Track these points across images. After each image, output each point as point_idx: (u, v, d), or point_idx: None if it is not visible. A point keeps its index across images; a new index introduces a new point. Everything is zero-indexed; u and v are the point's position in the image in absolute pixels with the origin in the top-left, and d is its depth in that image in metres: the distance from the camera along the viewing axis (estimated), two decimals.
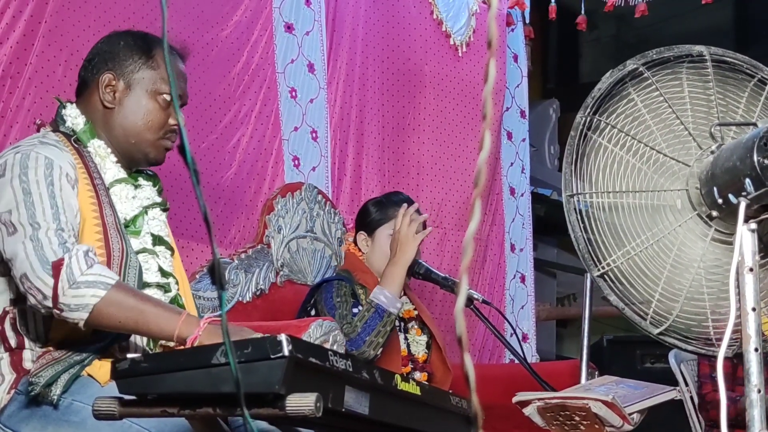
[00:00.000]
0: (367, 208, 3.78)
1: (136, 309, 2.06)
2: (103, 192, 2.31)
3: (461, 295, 0.75)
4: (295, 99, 4.20)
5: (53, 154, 2.23)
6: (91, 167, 2.32)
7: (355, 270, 3.68)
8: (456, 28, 4.89)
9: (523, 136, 5.33)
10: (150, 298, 2.15)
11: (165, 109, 2.41)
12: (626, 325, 7.78)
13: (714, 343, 2.01)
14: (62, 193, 2.18)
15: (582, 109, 2.02)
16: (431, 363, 3.72)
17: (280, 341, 1.58)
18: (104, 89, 2.39)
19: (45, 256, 2.08)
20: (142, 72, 2.40)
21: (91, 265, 2.08)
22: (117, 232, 2.27)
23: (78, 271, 2.06)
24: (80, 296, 2.05)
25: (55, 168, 2.20)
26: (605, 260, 2.00)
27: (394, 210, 3.67)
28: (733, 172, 1.94)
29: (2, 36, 3.18)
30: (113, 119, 2.39)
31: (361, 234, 3.74)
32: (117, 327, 2.10)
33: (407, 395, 1.87)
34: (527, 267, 5.23)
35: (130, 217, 2.35)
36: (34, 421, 2.12)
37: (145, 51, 2.43)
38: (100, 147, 2.37)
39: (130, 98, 2.39)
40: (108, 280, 2.07)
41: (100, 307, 2.05)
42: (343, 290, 3.54)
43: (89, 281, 2.06)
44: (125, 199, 2.35)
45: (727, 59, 2.14)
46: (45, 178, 2.18)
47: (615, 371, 3.86)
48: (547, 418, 2.82)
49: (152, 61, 2.41)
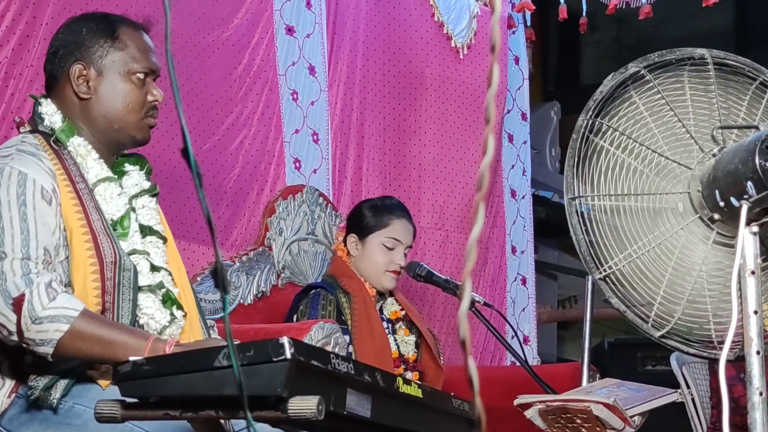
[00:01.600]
0: (361, 211, 3.76)
1: (102, 339, 2.04)
2: (87, 196, 2.25)
3: (465, 298, 0.75)
4: (296, 101, 4.20)
5: (28, 166, 2.18)
6: (73, 171, 2.27)
7: (341, 275, 3.66)
8: (457, 31, 4.89)
9: (524, 139, 5.33)
10: (116, 325, 2.12)
11: (141, 87, 2.35)
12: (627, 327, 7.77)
13: (716, 346, 2.01)
14: (36, 212, 2.13)
15: (584, 112, 2.02)
16: (422, 362, 3.72)
17: (282, 344, 1.58)
18: (77, 81, 2.33)
19: (7, 290, 2.05)
20: (111, 55, 2.34)
21: (53, 297, 2.05)
22: (107, 236, 2.23)
23: (39, 306, 2.03)
24: (44, 331, 2.03)
25: (29, 184, 2.15)
26: (607, 263, 2.00)
27: (389, 217, 3.67)
28: (735, 175, 1.94)
29: (2, 38, 3.18)
30: (92, 109, 2.34)
31: (352, 236, 3.73)
32: (84, 358, 2.09)
33: (409, 398, 1.87)
34: (528, 269, 5.23)
35: (117, 217, 2.29)
36: (35, 424, 2.12)
37: (110, 33, 2.36)
38: (80, 145, 2.31)
39: (104, 85, 2.33)
40: (71, 312, 2.04)
41: (64, 341, 2.03)
42: (328, 302, 3.53)
43: (51, 315, 2.03)
44: (110, 199, 2.29)
45: (728, 62, 2.14)
46: (17, 198, 2.12)
47: (616, 374, 3.85)
48: (549, 421, 2.82)
49: (119, 42, 2.35)
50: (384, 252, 3.65)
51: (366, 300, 3.60)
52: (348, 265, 3.70)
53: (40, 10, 3.28)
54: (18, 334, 2.04)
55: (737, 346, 1.95)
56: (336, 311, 3.53)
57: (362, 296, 3.59)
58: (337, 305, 3.54)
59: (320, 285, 3.63)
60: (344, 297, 3.56)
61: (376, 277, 3.66)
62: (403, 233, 3.70)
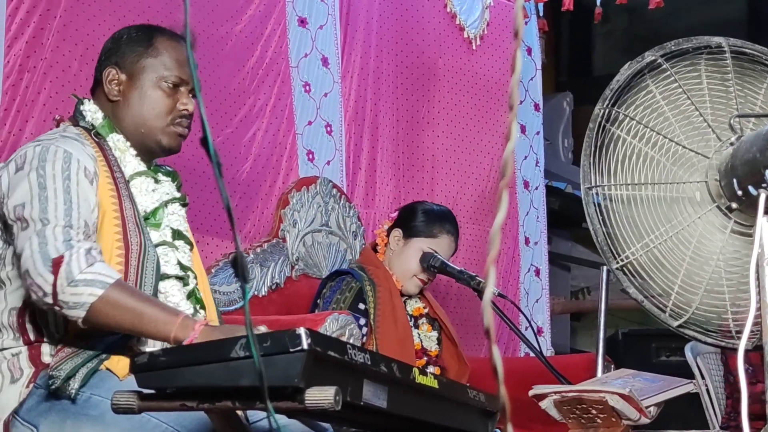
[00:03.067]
0: (416, 211, 3.76)
1: (134, 310, 2.06)
2: (123, 185, 2.31)
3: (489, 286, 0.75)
4: (309, 93, 4.20)
5: (73, 147, 2.25)
6: (112, 161, 2.33)
7: (368, 264, 3.68)
8: (470, 22, 4.88)
9: (537, 129, 5.31)
10: (149, 299, 2.14)
11: (171, 95, 2.41)
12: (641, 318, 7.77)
13: (734, 336, 2.00)
14: (78, 187, 2.19)
15: (600, 101, 2.01)
16: (443, 358, 3.72)
17: (299, 335, 1.58)
18: (108, 84, 2.41)
19: (47, 252, 2.08)
20: (143, 61, 2.41)
21: (91, 263, 2.08)
22: (136, 225, 2.28)
23: (77, 269, 2.06)
24: (78, 294, 2.05)
25: (73, 162, 2.21)
26: (624, 253, 2.00)
27: (440, 229, 3.68)
28: (753, 164, 1.93)
29: (17, 31, 3.19)
30: (121, 112, 2.40)
31: (397, 230, 3.73)
32: (114, 326, 2.10)
33: (425, 388, 1.87)
34: (542, 260, 5.22)
35: (150, 209, 2.36)
36: (53, 414, 2.13)
37: (146, 40, 2.43)
38: (120, 141, 2.38)
39: (133, 89, 2.40)
40: (107, 279, 2.07)
41: (96, 306, 2.05)
42: (348, 287, 3.55)
43: (87, 279, 2.06)
44: (145, 192, 2.36)
45: (745, 50, 2.13)
46: (62, 172, 2.19)
47: (630, 364, 3.84)
48: (564, 412, 2.81)
49: (153, 50, 2.41)
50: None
51: (392, 290, 3.61)
52: (376, 257, 3.72)
53: (54, 3, 3.28)
54: (52, 295, 2.06)
55: (755, 336, 1.94)
56: (355, 298, 3.54)
57: (387, 286, 3.61)
58: (360, 291, 3.55)
59: (347, 271, 3.65)
60: (369, 285, 3.57)
61: (403, 279, 3.69)
62: (447, 250, 3.72)
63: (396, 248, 3.71)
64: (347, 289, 3.56)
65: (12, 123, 3.14)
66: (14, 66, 3.18)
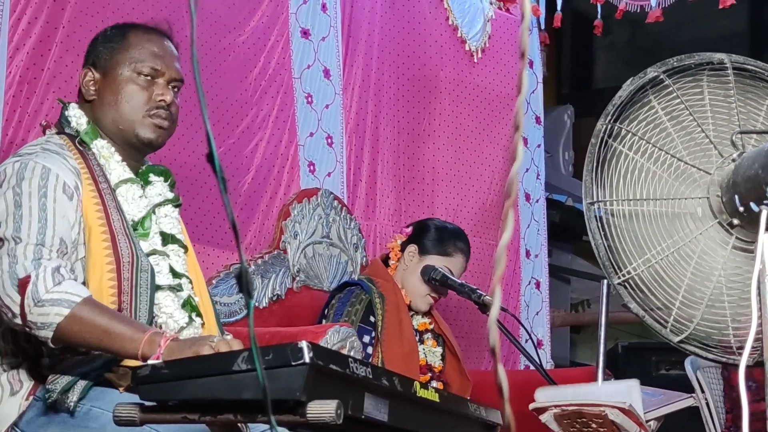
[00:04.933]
0: (432, 228, 3.77)
1: (101, 328, 2.03)
2: (108, 196, 2.28)
3: (495, 305, 0.75)
4: (311, 104, 4.20)
5: (52, 162, 2.21)
6: (96, 171, 2.30)
7: (377, 277, 3.69)
8: (471, 34, 4.89)
9: (538, 142, 5.32)
10: (117, 316, 2.10)
11: (146, 87, 2.37)
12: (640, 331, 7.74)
13: (735, 352, 2.00)
14: (56, 204, 2.16)
15: (603, 116, 2.02)
16: (446, 373, 3.72)
17: (300, 348, 1.58)
18: (85, 85, 2.39)
19: (16, 272, 2.06)
20: (116, 57, 2.38)
21: (59, 282, 2.06)
22: (125, 236, 2.25)
23: (43, 288, 2.04)
24: (45, 314, 2.03)
25: (51, 177, 2.18)
26: (626, 268, 2.00)
27: (455, 248, 3.70)
28: (754, 181, 1.93)
29: (19, 42, 3.19)
30: (98, 111, 2.37)
31: (413, 246, 3.74)
32: (84, 345, 2.09)
33: (426, 402, 1.87)
34: (542, 273, 5.22)
35: (138, 218, 2.32)
36: (53, 427, 2.12)
37: (119, 36, 2.41)
38: (104, 147, 2.35)
39: (107, 85, 2.37)
40: (73, 298, 2.04)
41: (63, 326, 2.03)
42: (359, 299, 3.55)
43: (54, 299, 2.03)
44: (132, 200, 2.32)
45: (747, 67, 2.13)
46: (39, 189, 2.16)
47: (630, 377, 3.83)
48: (564, 425, 2.81)
49: (126, 44, 2.39)
50: None
51: (399, 304, 3.62)
52: (386, 270, 3.73)
53: (56, 14, 3.28)
54: (21, 316, 2.04)
55: (756, 352, 1.94)
56: (365, 310, 3.54)
57: (395, 300, 3.61)
58: (370, 304, 3.55)
59: (357, 283, 3.65)
60: (378, 298, 3.58)
61: (415, 295, 3.70)
62: (459, 269, 3.75)
63: (410, 264, 3.72)
64: (357, 301, 3.56)
65: (14, 133, 3.14)
66: (16, 76, 3.18)
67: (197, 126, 3.59)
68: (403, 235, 3.82)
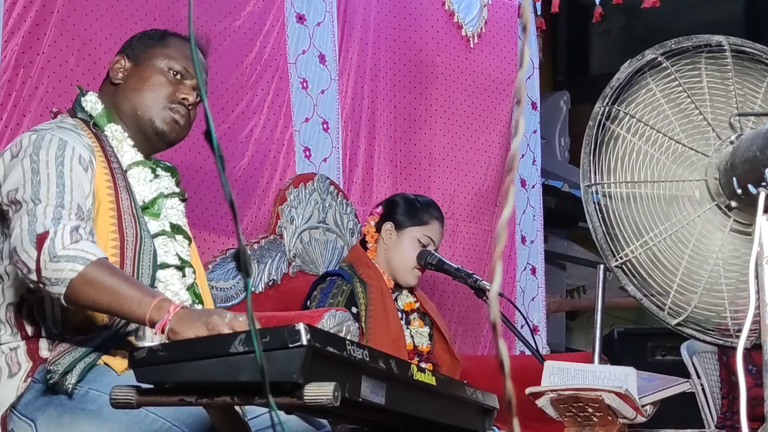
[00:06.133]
0: (402, 202, 3.74)
1: (111, 289, 2.01)
2: (120, 176, 2.31)
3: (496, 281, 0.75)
4: (306, 90, 4.20)
5: (68, 136, 2.24)
6: (108, 151, 2.33)
7: (358, 264, 3.66)
8: (468, 19, 4.88)
9: (534, 128, 5.31)
10: (129, 279, 2.10)
11: (173, 83, 2.42)
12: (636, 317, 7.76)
13: (732, 335, 2.00)
14: (72, 173, 2.18)
15: (600, 98, 2.01)
16: (435, 354, 3.71)
17: (298, 330, 1.58)
18: (113, 70, 2.45)
19: (35, 229, 2.06)
20: (150, 51, 2.45)
21: (76, 240, 2.05)
22: (132, 216, 2.27)
23: (60, 244, 2.03)
24: (59, 270, 2.02)
25: (68, 149, 2.20)
26: (623, 251, 2.00)
27: (429, 216, 3.68)
28: (752, 163, 1.92)
29: (14, 26, 3.18)
30: (121, 95, 2.42)
31: (388, 224, 3.70)
32: (92, 306, 2.07)
33: (423, 385, 1.87)
34: (538, 259, 5.22)
35: (149, 199, 2.35)
36: (51, 409, 2.12)
37: (159, 37, 2.48)
38: (117, 131, 2.38)
39: (137, 72, 2.43)
40: (89, 256, 2.03)
41: (75, 283, 2.01)
42: (340, 291, 3.53)
43: (69, 256, 2.02)
44: (143, 182, 2.36)
45: (745, 49, 2.13)
46: (56, 158, 2.17)
47: (626, 363, 3.84)
48: (560, 410, 2.81)
49: (162, 42, 2.46)
50: (418, 248, 3.65)
51: (383, 290, 3.59)
52: (365, 254, 3.70)
53: None
54: (36, 272, 2.03)
55: (754, 335, 1.94)
56: (347, 300, 3.52)
57: (379, 286, 3.59)
58: (352, 294, 3.53)
59: (337, 273, 3.63)
60: (360, 286, 3.55)
61: (403, 272, 3.67)
62: (438, 235, 3.73)
63: (390, 242, 3.69)
64: (339, 292, 3.53)
65: (8, 117, 3.13)
66: (11, 61, 3.17)
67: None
68: (375, 215, 3.79)
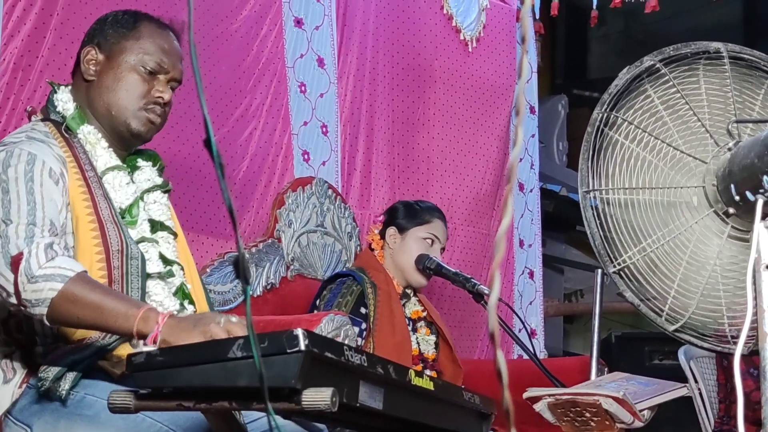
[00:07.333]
0: (402, 207, 3.82)
1: (94, 305, 1.97)
2: (95, 183, 2.25)
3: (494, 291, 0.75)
4: (305, 93, 4.20)
5: (38, 149, 2.19)
6: (82, 158, 2.27)
7: (368, 268, 3.69)
8: (466, 24, 4.89)
9: (532, 132, 5.32)
10: (111, 292, 2.06)
11: (147, 81, 2.34)
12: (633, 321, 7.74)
13: (730, 341, 2.01)
14: (42, 188, 2.13)
15: (599, 105, 2.01)
16: (439, 362, 3.73)
17: (296, 335, 1.58)
18: (86, 63, 2.35)
19: (8, 251, 2.02)
20: (123, 43, 2.34)
21: (51, 257, 2.01)
22: (114, 224, 2.22)
23: (36, 264, 2.00)
24: (38, 290, 1.98)
25: (37, 163, 2.15)
26: (621, 257, 2.00)
27: (430, 215, 3.72)
28: (750, 170, 1.93)
29: (13, 29, 3.18)
30: (94, 93, 2.34)
31: (392, 228, 3.76)
32: (76, 323, 2.03)
33: (421, 390, 1.87)
34: (536, 263, 5.23)
35: (125, 206, 2.29)
36: (46, 415, 2.11)
37: (131, 23, 2.37)
38: (90, 133, 2.31)
39: (110, 69, 2.33)
40: (67, 273, 1.99)
41: (56, 302, 1.98)
42: (350, 291, 3.55)
43: (47, 275, 1.99)
44: (119, 187, 2.29)
45: (744, 56, 2.13)
46: (25, 174, 2.12)
47: (623, 367, 3.85)
48: (558, 414, 2.81)
49: (136, 33, 2.35)
50: (423, 247, 3.69)
51: (391, 294, 3.62)
52: (376, 259, 3.74)
53: (51, 1, 3.27)
54: (15, 294, 2.00)
55: (751, 341, 1.95)
56: (357, 301, 3.54)
57: (387, 290, 3.62)
58: (362, 294, 3.56)
59: (348, 273, 3.65)
60: (371, 288, 3.58)
61: (412, 273, 3.69)
62: (442, 233, 3.77)
63: (395, 245, 3.72)
64: (348, 292, 3.56)
65: (7, 120, 3.13)
66: (10, 63, 3.17)
67: (191, 114, 3.58)
68: (378, 224, 3.85)
